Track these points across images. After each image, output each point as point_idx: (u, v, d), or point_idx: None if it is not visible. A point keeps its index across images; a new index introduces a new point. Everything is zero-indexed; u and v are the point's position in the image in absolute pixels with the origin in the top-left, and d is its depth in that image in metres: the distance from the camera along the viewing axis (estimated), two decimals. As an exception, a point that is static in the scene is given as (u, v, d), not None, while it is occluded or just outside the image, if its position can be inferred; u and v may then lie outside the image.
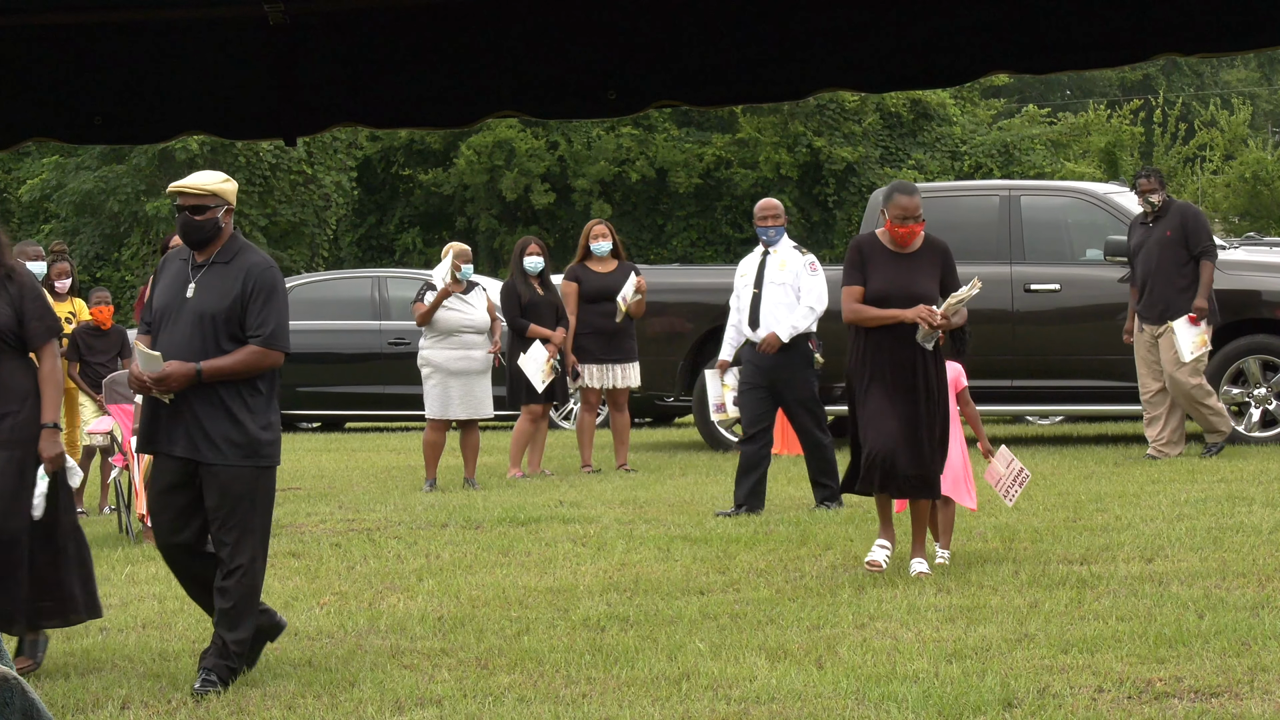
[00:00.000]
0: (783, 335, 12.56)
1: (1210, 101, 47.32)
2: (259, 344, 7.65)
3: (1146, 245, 15.02)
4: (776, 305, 12.66)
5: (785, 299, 12.68)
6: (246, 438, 7.69)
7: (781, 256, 12.87)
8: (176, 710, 7.29)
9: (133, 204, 38.03)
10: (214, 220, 7.72)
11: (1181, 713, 6.76)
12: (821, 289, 12.80)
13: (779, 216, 13.00)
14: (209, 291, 7.70)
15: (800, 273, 12.77)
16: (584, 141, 41.71)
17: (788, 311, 12.64)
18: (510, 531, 11.97)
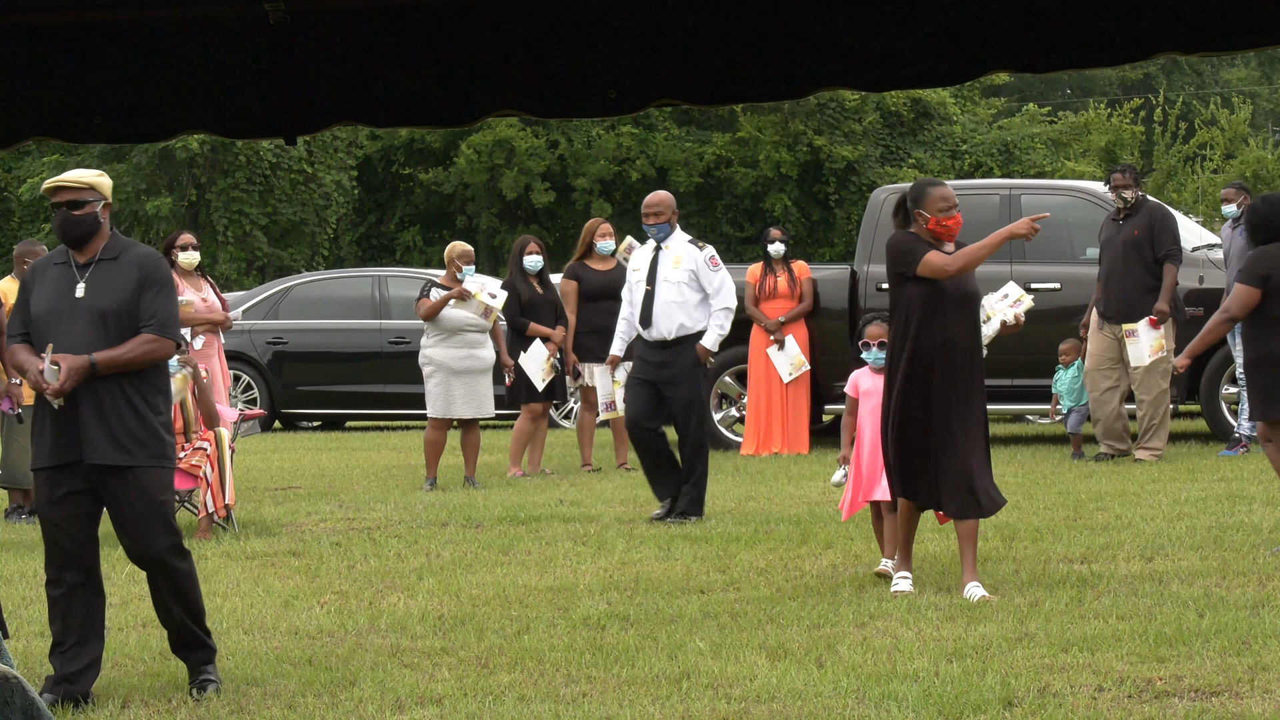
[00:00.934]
0: (710, 345, 12.29)
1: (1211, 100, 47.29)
2: (152, 332, 7.47)
3: (1114, 242, 15.01)
4: (669, 303, 12.27)
5: (678, 296, 12.28)
6: (155, 439, 7.48)
7: (675, 252, 12.44)
8: (177, 709, 7.29)
9: (133, 203, 38.01)
10: (93, 215, 7.54)
11: (1182, 712, 6.76)
12: (730, 286, 12.42)
13: (661, 213, 12.54)
14: (103, 288, 7.51)
15: (700, 270, 12.35)
16: (584, 140, 41.71)
17: (681, 309, 12.24)
18: (510, 530, 11.97)
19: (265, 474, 16.19)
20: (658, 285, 12.34)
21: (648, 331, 12.32)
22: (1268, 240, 10.52)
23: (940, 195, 9.22)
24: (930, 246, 9.12)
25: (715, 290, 12.31)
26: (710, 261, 12.38)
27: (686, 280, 12.30)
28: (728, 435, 17.42)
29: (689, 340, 12.23)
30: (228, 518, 12.27)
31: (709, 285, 12.31)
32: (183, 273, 14.25)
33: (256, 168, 38.30)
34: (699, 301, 12.30)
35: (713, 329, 12.27)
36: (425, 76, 4.65)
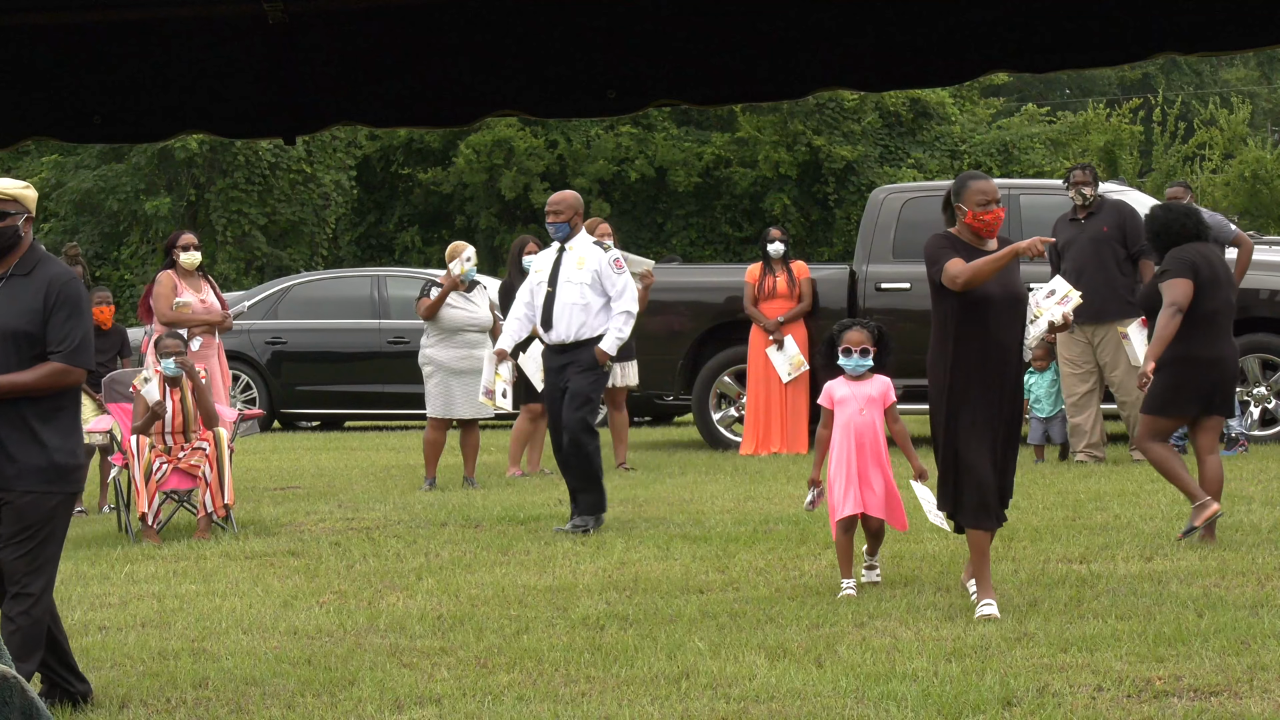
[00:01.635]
0: (609, 349, 11.97)
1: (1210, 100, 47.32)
2: (60, 360, 7.14)
3: (1078, 241, 14.83)
4: (570, 305, 11.94)
5: (580, 298, 11.95)
6: (50, 462, 7.10)
7: (578, 253, 12.08)
8: (175, 709, 7.29)
9: (132, 203, 38.01)
10: (14, 228, 7.21)
11: (1181, 711, 6.76)
12: (633, 290, 12.14)
13: (562, 213, 12.11)
14: (11, 306, 7.19)
15: (604, 272, 12.01)
16: (583, 140, 41.70)
17: (583, 311, 11.92)
18: (510, 530, 11.97)
19: (264, 474, 16.19)
20: (559, 286, 12.00)
21: (549, 334, 12.02)
22: (1168, 246, 10.84)
23: (979, 189, 8.79)
24: (954, 253, 8.68)
25: (618, 293, 11.99)
26: (614, 264, 12.07)
27: (589, 282, 11.97)
28: (727, 435, 17.42)
29: (589, 343, 11.93)
30: (227, 518, 12.27)
31: (611, 288, 11.99)
32: (183, 273, 14.26)
33: (255, 168, 38.29)
34: (602, 305, 11.99)
35: (612, 332, 11.95)
36: (425, 76, 4.65)
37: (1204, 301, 10.62)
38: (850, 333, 9.50)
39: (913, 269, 16.93)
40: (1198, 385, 10.63)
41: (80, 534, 12.59)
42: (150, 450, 12.17)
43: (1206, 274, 10.66)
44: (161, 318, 13.92)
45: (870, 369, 9.48)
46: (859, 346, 9.43)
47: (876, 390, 9.46)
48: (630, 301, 12.04)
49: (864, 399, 9.41)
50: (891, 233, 17.08)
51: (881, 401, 9.44)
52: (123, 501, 12.56)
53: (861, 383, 9.44)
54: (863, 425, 9.36)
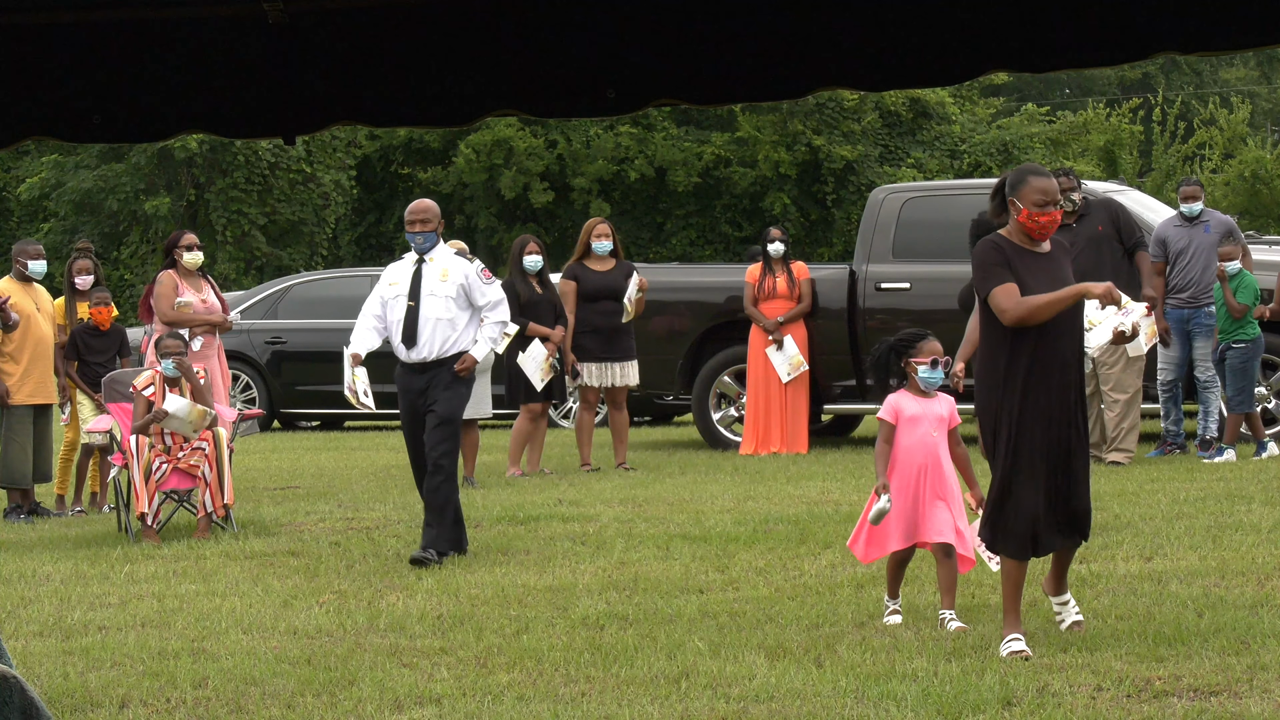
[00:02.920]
0: (479, 356, 11.21)
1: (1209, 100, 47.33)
2: None
3: (1076, 244, 14.76)
4: (435, 320, 11.11)
5: (445, 312, 11.12)
6: None
7: (441, 265, 11.22)
8: (175, 709, 7.29)
9: (132, 203, 38.02)
10: None
11: (1180, 711, 6.76)
12: (504, 300, 11.38)
13: (429, 221, 11.26)
14: None
15: (472, 284, 11.19)
16: (583, 140, 41.71)
17: (449, 326, 11.10)
18: (509, 530, 11.97)
19: (264, 474, 16.19)
20: (422, 300, 11.15)
21: (411, 351, 11.18)
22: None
23: (1040, 187, 7.92)
24: (1005, 272, 7.88)
25: (491, 304, 11.23)
26: (482, 274, 11.29)
27: (454, 294, 11.15)
28: (727, 435, 17.42)
29: (452, 360, 11.12)
30: (226, 517, 12.28)
31: (481, 299, 11.19)
32: (184, 273, 14.26)
33: (255, 167, 38.31)
34: (468, 319, 11.18)
35: (484, 340, 11.21)
36: (424, 76, 4.65)
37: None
38: (929, 343, 8.55)
39: (913, 269, 16.95)
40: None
41: (80, 534, 12.60)
42: (150, 450, 12.17)
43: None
44: (163, 318, 13.92)
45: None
46: (936, 358, 8.50)
47: (945, 409, 8.56)
48: (504, 312, 11.34)
49: (934, 419, 8.49)
50: (891, 233, 17.08)
51: (949, 422, 8.55)
52: (122, 501, 12.56)
53: (929, 400, 8.53)
54: (931, 448, 8.44)
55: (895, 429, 8.46)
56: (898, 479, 8.42)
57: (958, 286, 16.86)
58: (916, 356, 8.49)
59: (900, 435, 8.45)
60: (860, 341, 16.98)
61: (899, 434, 8.46)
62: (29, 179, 39.48)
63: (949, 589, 8.38)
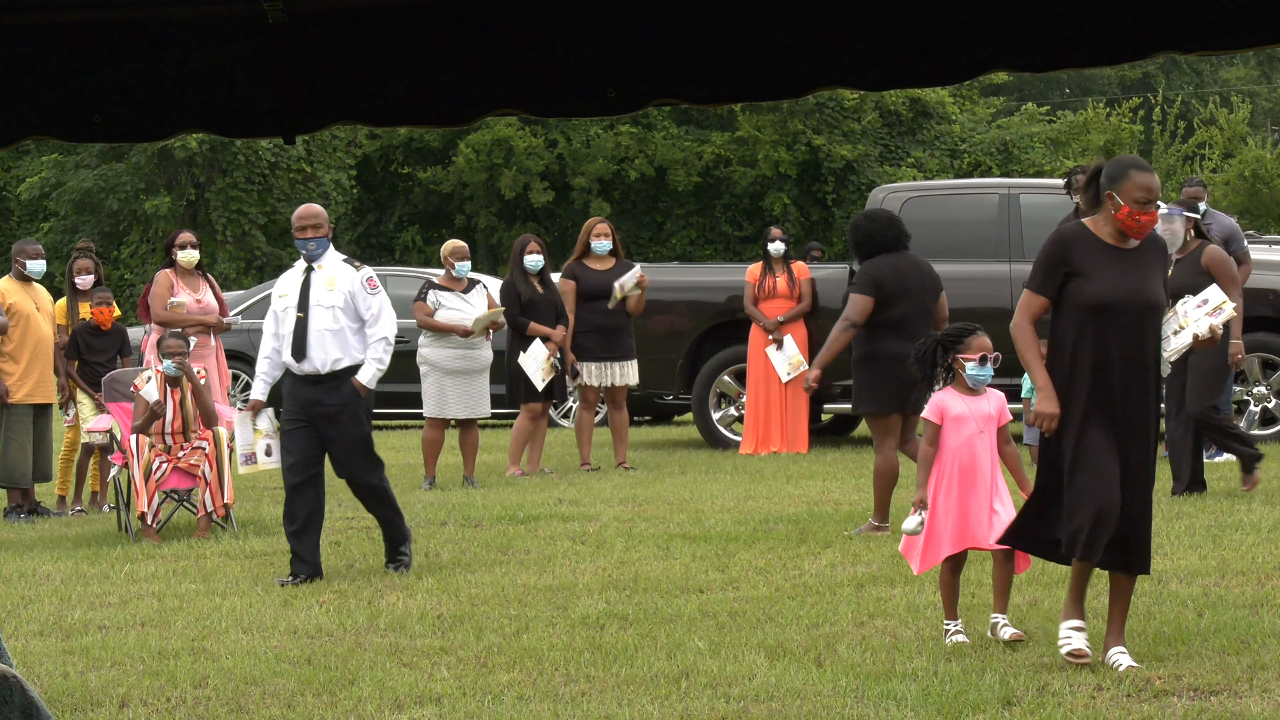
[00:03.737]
0: (366, 381, 10.61)
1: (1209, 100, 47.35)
2: None
3: None
4: (323, 331, 10.59)
5: (333, 323, 10.59)
6: None
7: (328, 273, 10.70)
8: (175, 708, 7.29)
9: (132, 202, 38.02)
10: None
11: (1180, 711, 6.76)
12: (390, 313, 10.82)
13: (320, 226, 10.77)
14: None
15: (357, 293, 10.67)
16: (583, 140, 41.70)
17: (336, 338, 10.57)
18: (509, 530, 11.97)
19: (264, 473, 16.16)
20: (310, 311, 10.63)
21: (300, 364, 10.62)
22: (873, 254, 11.57)
23: (1143, 184, 7.44)
24: (1052, 284, 7.56)
25: (374, 317, 10.70)
26: (368, 284, 10.76)
27: (342, 305, 10.64)
28: (726, 435, 17.42)
29: (346, 374, 10.59)
30: (226, 517, 12.28)
31: (366, 311, 10.68)
32: (182, 272, 14.26)
33: (255, 167, 38.30)
34: (356, 330, 10.69)
35: (370, 363, 10.64)
36: (424, 76, 4.65)
37: (893, 308, 11.38)
38: (977, 338, 8.16)
39: (913, 268, 16.94)
40: (891, 382, 11.25)
41: (80, 534, 12.60)
42: (150, 450, 12.17)
43: (894, 285, 11.40)
44: (156, 318, 13.93)
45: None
46: (986, 353, 8.12)
47: (994, 407, 8.15)
48: (388, 326, 10.75)
49: (982, 418, 8.09)
50: (891, 232, 17.07)
51: (998, 420, 8.14)
52: (122, 501, 12.56)
53: (977, 398, 8.13)
54: (980, 449, 8.04)
55: (940, 429, 8.07)
56: (945, 481, 8.03)
57: (958, 286, 16.88)
58: (964, 352, 8.12)
59: (946, 436, 8.06)
60: (860, 341, 16.97)
61: (945, 434, 8.06)
62: (29, 179, 39.48)
63: (1003, 592, 8.08)
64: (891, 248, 11.58)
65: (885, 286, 11.38)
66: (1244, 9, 4.23)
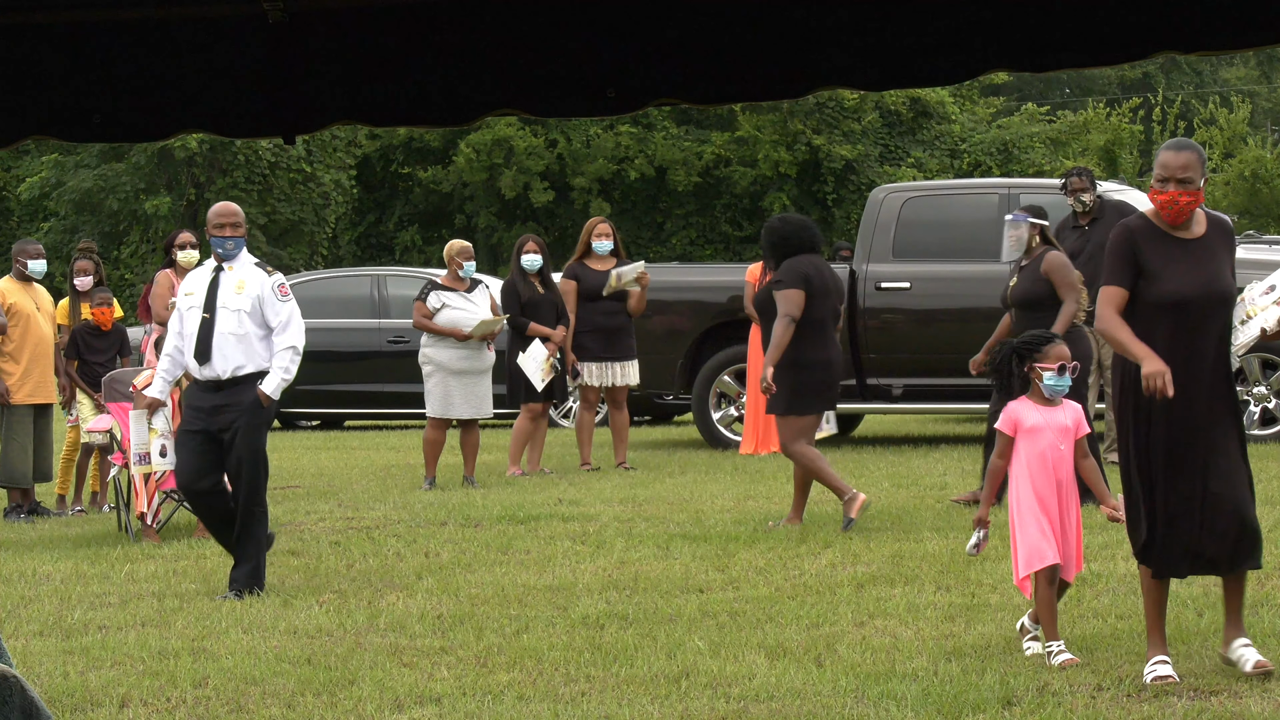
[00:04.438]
0: (270, 391, 10.09)
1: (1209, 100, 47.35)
2: None
3: (1087, 250, 14.42)
4: (228, 335, 10.12)
5: (238, 328, 10.12)
6: None
7: (239, 275, 10.24)
8: (175, 708, 7.29)
9: (132, 202, 38.04)
10: None
11: (1180, 711, 6.76)
12: (299, 322, 10.28)
13: (240, 225, 10.33)
14: None
15: (267, 299, 10.18)
16: (583, 140, 41.73)
17: (241, 343, 10.10)
18: (509, 530, 11.97)
19: (264, 473, 16.17)
20: (216, 313, 10.15)
21: (203, 368, 10.13)
22: (785, 256, 11.79)
23: (1162, 161, 7.17)
24: (1125, 273, 7.22)
25: (282, 325, 10.18)
26: (279, 290, 10.24)
27: (249, 309, 10.16)
28: (726, 435, 17.42)
29: (249, 381, 10.10)
30: (227, 517, 12.25)
31: (274, 317, 10.17)
32: (182, 272, 14.26)
33: (255, 167, 38.32)
34: (263, 336, 10.19)
35: (275, 372, 10.11)
36: (424, 76, 4.65)
37: (814, 309, 11.65)
38: (1055, 347, 7.80)
39: (913, 268, 16.94)
40: (815, 385, 11.71)
41: (80, 534, 12.60)
42: (150, 450, 12.16)
43: (817, 284, 11.65)
44: (157, 318, 13.93)
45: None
46: (1062, 363, 7.75)
47: (1070, 418, 7.80)
48: (296, 335, 10.22)
49: (1058, 430, 7.75)
50: (891, 232, 17.08)
51: (1075, 432, 7.80)
52: (122, 501, 12.56)
53: (1053, 409, 7.79)
54: (1056, 462, 7.73)
55: (1013, 442, 7.76)
56: (1026, 497, 7.72)
57: (958, 286, 16.89)
58: (1042, 361, 7.75)
59: (1021, 449, 7.75)
60: (860, 341, 16.99)
61: (1019, 448, 7.75)
62: (29, 179, 39.51)
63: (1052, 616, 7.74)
64: (806, 250, 11.84)
65: (811, 282, 11.67)
66: (1244, 9, 4.23)
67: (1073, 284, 12.00)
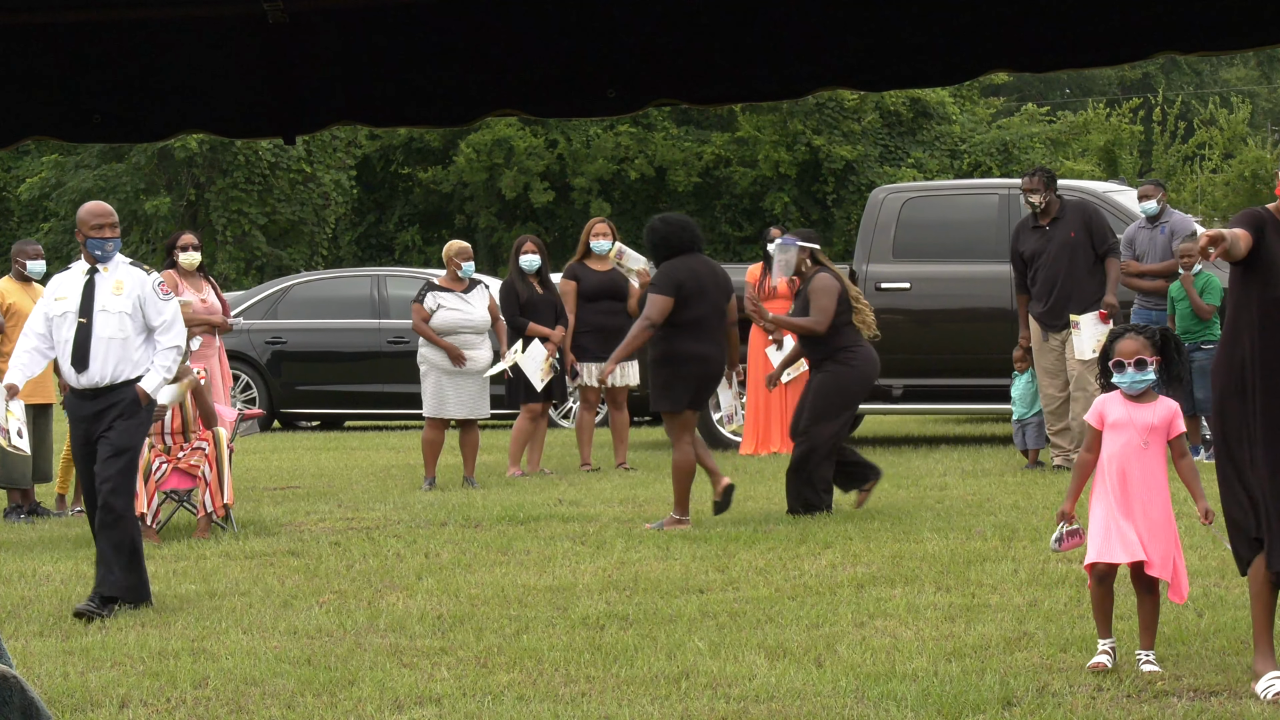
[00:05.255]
0: (150, 390, 9.71)
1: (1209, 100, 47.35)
2: None
3: (1048, 250, 14.29)
4: (108, 340, 9.70)
5: (119, 331, 9.70)
6: None
7: (115, 276, 9.81)
8: (175, 708, 7.29)
9: (132, 203, 38.02)
10: None
11: (1180, 711, 6.76)
12: (180, 321, 9.95)
13: (117, 225, 9.96)
14: None
15: (148, 298, 9.76)
16: (583, 140, 41.73)
17: (122, 347, 9.68)
18: (509, 530, 11.97)
19: (264, 474, 16.19)
20: (95, 317, 9.74)
21: (82, 376, 9.71)
22: (670, 255, 12.05)
23: None
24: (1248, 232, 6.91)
25: (166, 325, 9.79)
26: (160, 288, 9.86)
27: (130, 311, 9.73)
28: (727, 435, 17.41)
29: (129, 386, 9.69)
30: (226, 517, 12.27)
31: (157, 317, 9.76)
32: (184, 273, 14.27)
33: (255, 167, 38.32)
34: (143, 339, 9.77)
35: (156, 370, 9.73)
36: (424, 76, 4.64)
37: (690, 309, 11.87)
38: (1122, 342, 7.57)
39: (913, 268, 16.94)
40: (686, 380, 11.93)
41: (80, 534, 12.59)
42: (150, 450, 12.16)
43: (692, 286, 11.90)
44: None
45: (1153, 386, 7.59)
46: (1133, 358, 7.48)
47: (1159, 416, 7.55)
48: (179, 335, 9.87)
49: (1144, 428, 7.52)
50: (891, 232, 17.08)
51: (1165, 431, 7.55)
52: (122, 501, 12.54)
53: (1142, 405, 7.54)
54: (1137, 459, 7.52)
55: (1099, 436, 7.57)
56: (1100, 489, 7.56)
57: (958, 287, 16.89)
58: (1115, 356, 7.56)
59: (1105, 442, 7.55)
60: (860, 341, 16.96)
61: (1105, 440, 7.55)
62: (29, 179, 39.50)
63: (1146, 626, 7.58)
64: (687, 250, 12.07)
65: (685, 287, 11.89)
66: (1244, 9, 4.23)
67: (823, 308, 12.40)
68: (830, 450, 12.29)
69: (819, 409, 12.33)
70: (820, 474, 12.29)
